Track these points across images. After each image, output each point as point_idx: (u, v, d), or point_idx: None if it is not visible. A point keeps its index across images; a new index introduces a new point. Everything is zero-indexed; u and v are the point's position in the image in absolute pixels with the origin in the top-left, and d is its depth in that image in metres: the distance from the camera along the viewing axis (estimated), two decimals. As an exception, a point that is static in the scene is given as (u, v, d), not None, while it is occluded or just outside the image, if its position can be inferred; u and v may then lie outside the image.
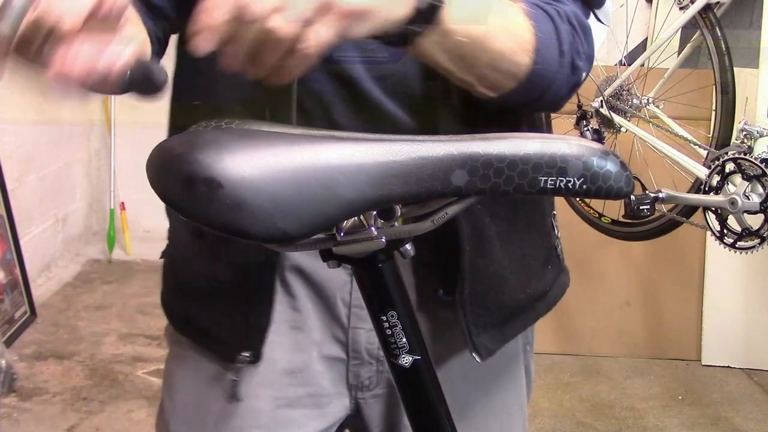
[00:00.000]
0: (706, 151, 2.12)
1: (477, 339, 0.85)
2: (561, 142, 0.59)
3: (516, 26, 0.73)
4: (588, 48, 0.81)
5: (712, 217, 2.03)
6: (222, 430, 0.87)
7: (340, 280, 0.86)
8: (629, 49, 2.61)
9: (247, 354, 0.84)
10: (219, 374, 0.88)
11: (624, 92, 2.46)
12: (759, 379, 2.80)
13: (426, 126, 0.80)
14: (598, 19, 0.89)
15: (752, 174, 1.91)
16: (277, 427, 0.87)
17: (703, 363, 2.90)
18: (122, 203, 3.91)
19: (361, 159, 0.57)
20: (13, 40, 0.57)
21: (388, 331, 0.66)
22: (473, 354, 0.85)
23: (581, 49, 0.80)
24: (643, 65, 2.48)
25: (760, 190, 1.89)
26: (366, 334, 0.88)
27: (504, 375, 0.94)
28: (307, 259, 0.85)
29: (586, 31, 0.81)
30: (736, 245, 1.97)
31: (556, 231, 0.96)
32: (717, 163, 2.00)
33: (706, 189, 2.02)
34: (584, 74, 0.81)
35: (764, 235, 1.90)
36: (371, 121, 0.80)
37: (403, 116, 0.81)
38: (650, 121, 2.34)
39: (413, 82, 0.80)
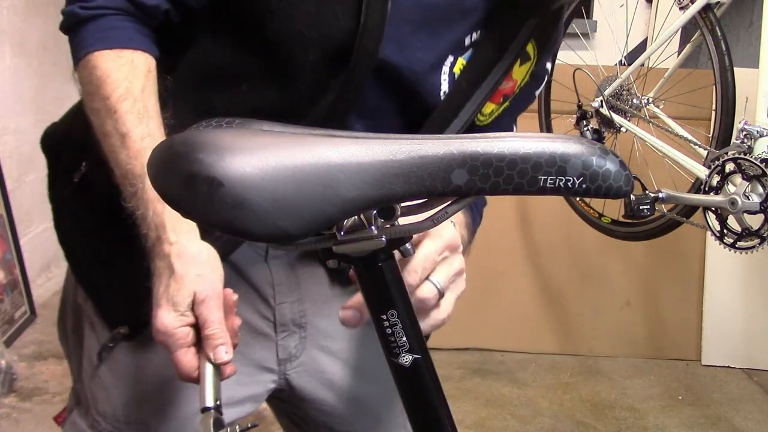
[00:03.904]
0: (706, 151, 2.12)
1: None
2: (560, 141, 0.59)
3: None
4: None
5: (712, 217, 2.03)
6: (158, 391, 0.96)
7: (258, 261, 0.95)
8: (629, 49, 2.62)
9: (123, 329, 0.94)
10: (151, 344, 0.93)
11: (624, 92, 2.46)
12: (759, 379, 2.80)
13: None
14: None
15: (752, 174, 1.91)
16: None
17: (703, 363, 2.90)
18: (122, 203, 3.91)
19: (361, 158, 0.57)
20: None
21: (388, 330, 0.66)
22: None
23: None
24: (643, 65, 2.48)
25: (760, 190, 1.89)
26: (290, 306, 0.98)
27: None
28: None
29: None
30: (736, 245, 1.97)
31: None
32: (717, 163, 2.00)
33: (706, 189, 2.02)
34: None
35: (764, 235, 1.90)
36: None
37: None
38: (650, 121, 2.34)
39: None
